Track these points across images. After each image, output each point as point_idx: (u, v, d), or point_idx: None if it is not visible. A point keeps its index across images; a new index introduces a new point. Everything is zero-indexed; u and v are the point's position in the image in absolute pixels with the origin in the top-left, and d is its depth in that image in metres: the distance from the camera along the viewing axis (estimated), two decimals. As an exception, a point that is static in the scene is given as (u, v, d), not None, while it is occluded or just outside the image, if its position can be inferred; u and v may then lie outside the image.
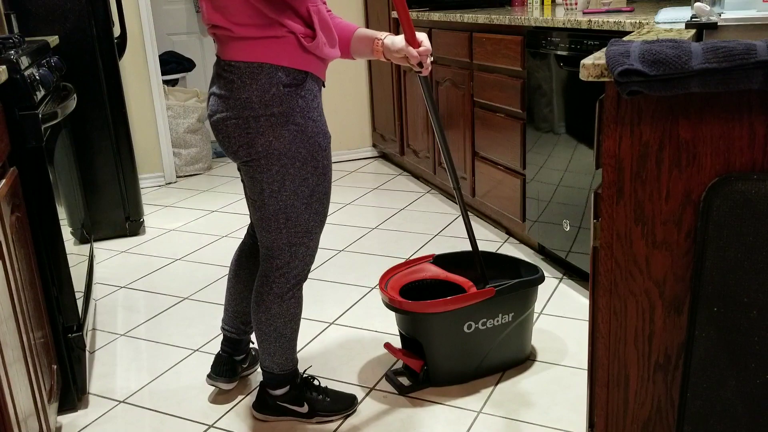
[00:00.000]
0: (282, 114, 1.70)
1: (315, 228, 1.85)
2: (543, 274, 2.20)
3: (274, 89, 1.68)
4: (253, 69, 1.68)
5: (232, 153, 1.77)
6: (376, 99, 4.81)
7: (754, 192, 1.16)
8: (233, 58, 1.70)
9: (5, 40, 2.18)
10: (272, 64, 1.68)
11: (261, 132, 1.70)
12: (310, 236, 1.85)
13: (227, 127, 1.73)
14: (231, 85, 1.70)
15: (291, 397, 2.01)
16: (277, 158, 1.73)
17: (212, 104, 1.77)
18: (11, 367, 1.55)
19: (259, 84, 1.68)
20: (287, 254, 1.84)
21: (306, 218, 1.81)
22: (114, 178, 3.54)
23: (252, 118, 1.70)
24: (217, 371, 2.15)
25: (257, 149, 1.72)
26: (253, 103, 1.69)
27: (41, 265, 2.02)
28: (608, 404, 1.40)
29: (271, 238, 1.82)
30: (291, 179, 1.75)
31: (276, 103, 1.69)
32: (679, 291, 1.29)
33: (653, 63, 1.14)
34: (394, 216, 3.75)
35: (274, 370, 1.97)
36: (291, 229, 1.81)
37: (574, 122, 2.60)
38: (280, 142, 1.71)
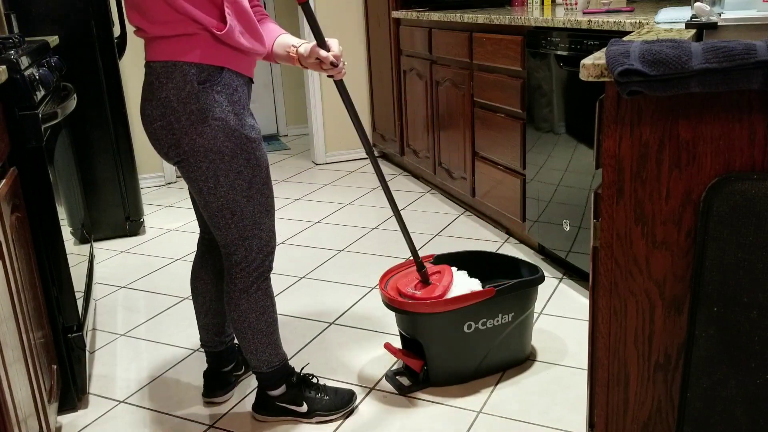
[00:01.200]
0: (200, 110, 1.70)
1: (262, 218, 1.84)
2: (543, 274, 2.20)
3: (189, 86, 1.69)
4: (168, 68, 1.69)
5: (164, 155, 1.78)
6: (376, 99, 4.81)
7: (754, 192, 1.16)
8: (150, 59, 1.73)
9: (5, 40, 2.18)
10: (184, 62, 1.69)
11: (184, 131, 1.72)
12: (260, 227, 1.84)
13: (155, 130, 1.75)
14: (151, 87, 1.73)
15: (290, 396, 2.01)
16: (204, 155, 1.73)
17: (141, 108, 1.78)
18: (11, 367, 1.55)
19: (174, 82, 1.69)
20: (242, 249, 1.84)
21: (251, 210, 1.81)
22: (114, 178, 3.54)
23: (174, 118, 1.71)
24: (210, 387, 2.15)
25: (184, 148, 1.74)
26: (171, 102, 1.70)
27: (41, 265, 2.02)
28: (608, 404, 1.40)
29: (222, 235, 1.84)
30: (224, 174, 1.76)
31: (192, 100, 1.70)
32: (679, 291, 1.29)
33: (653, 63, 1.14)
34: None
35: (262, 369, 1.97)
36: (239, 224, 1.81)
37: (574, 122, 2.60)
38: (203, 139, 1.72)
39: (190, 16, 1.65)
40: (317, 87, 4.79)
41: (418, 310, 2.06)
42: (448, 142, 3.73)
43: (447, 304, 2.05)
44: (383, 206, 3.93)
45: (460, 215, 3.70)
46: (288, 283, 2.98)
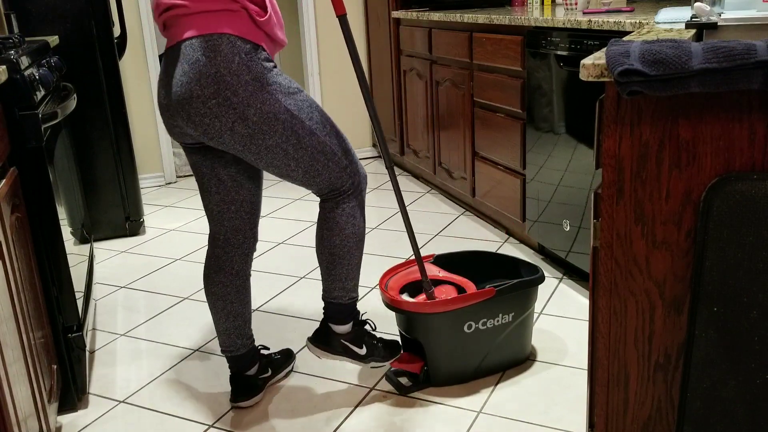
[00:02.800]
0: (255, 79, 1.73)
1: (345, 143, 1.92)
2: (543, 274, 2.20)
3: (237, 58, 1.72)
4: (214, 40, 1.71)
5: (227, 131, 1.76)
6: (376, 99, 4.81)
7: (754, 192, 1.16)
8: (191, 35, 1.73)
9: (5, 40, 2.18)
10: (230, 34, 1.72)
11: (246, 103, 1.73)
12: (349, 151, 1.92)
13: (211, 109, 1.73)
14: (196, 65, 1.72)
15: (353, 336, 2.05)
16: (275, 117, 1.77)
17: (179, 90, 1.74)
18: (11, 367, 1.55)
19: (222, 55, 1.71)
20: (347, 176, 1.91)
21: (335, 142, 1.88)
22: (114, 178, 3.54)
23: (230, 92, 1.72)
24: (235, 392, 2.11)
25: (253, 119, 1.75)
26: (224, 76, 1.71)
27: (41, 265, 2.02)
28: (608, 404, 1.40)
29: (326, 178, 1.89)
30: (300, 126, 1.81)
31: (244, 70, 1.72)
32: (679, 291, 1.29)
33: (653, 63, 1.14)
34: (394, 216, 3.75)
35: (342, 299, 2.01)
36: (334, 158, 1.88)
37: (574, 122, 2.60)
38: (269, 105, 1.76)
39: None
40: (317, 87, 4.79)
41: (419, 310, 2.06)
42: (448, 142, 3.73)
43: (447, 304, 2.05)
44: (383, 206, 3.93)
45: (460, 215, 3.70)
46: (288, 283, 2.98)
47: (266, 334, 2.55)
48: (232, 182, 1.93)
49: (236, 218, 1.97)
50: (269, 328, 2.59)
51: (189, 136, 1.85)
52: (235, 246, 2.00)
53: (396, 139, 4.52)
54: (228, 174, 1.92)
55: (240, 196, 1.95)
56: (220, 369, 2.34)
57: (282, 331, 2.56)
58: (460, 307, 2.06)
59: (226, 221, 1.98)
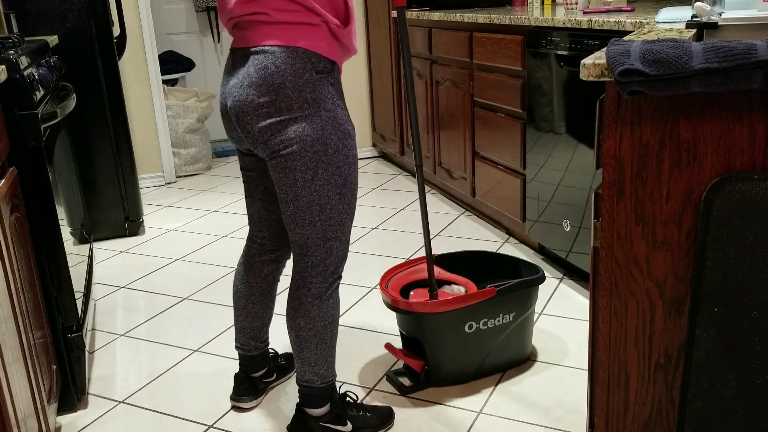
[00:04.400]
0: (315, 100, 1.68)
1: (347, 221, 1.80)
2: (543, 273, 2.20)
3: (308, 74, 1.66)
4: (290, 53, 1.65)
5: (262, 143, 1.71)
6: (376, 99, 4.81)
7: (754, 192, 1.16)
8: (268, 42, 1.67)
9: (5, 40, 2.18)
10: (307, 49, 1.66)
11: (294, 118, 1.67)
12: (343, 230, 1.79)
13: (258, 117, 1.68)
14: (264, 71, 1.66)
15: (333, 416, 1.91)
16: (311, 145, 1.69)
17: (238, 91, 1.70)
18: (11, 368, 1.55)
19: (293, 68, 1.65)
20: (323, 250, 1.78)
21: (340, 209, 1.76)
22: (113, 178, 3.54)
23: (284, 105, 1.66)
24: (238, 391, 2.11)
25: (290, 136, 1.68)
26: (286, 89, 1.65)
27: (41, 265, 2.02)
28: (609, 404, 1.39)
29: (305, 234, 1.76)
30: (324, 167, 1.71)
31: (309, 89, 1.67)
32: (679, 291, 1.29)
33: (654, 63, 1.14)
34: (394, 216, 3.75)
35: (315, 383, 1.87)
36: (325, 222, 1.76)
37: (574, 122, 2.60)
38: (312, 128, 1.68)
39: (313, 9, 1.66)
40: (317, 87, 4.78)
41: (420, 310, 2.06)
42: (448, 142, 3.73)
43: (448, 304, 2.04)
44: (383, 206, 3.93)
45: (460, 215, 3.70)
46: (288, 283, 2.98)
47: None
48: None
49: (276, 227, 1.96)
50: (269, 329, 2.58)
51: (242, 140, 1.81)
52: (269, 251, 2.00)
53: (396, 139, 4.51)
54: None
55: None
56: (220, 369, 2.34)
57: (282, 331, 2.56)
58: (461, 307, 2.06)
59: (265, 228, 1.97)
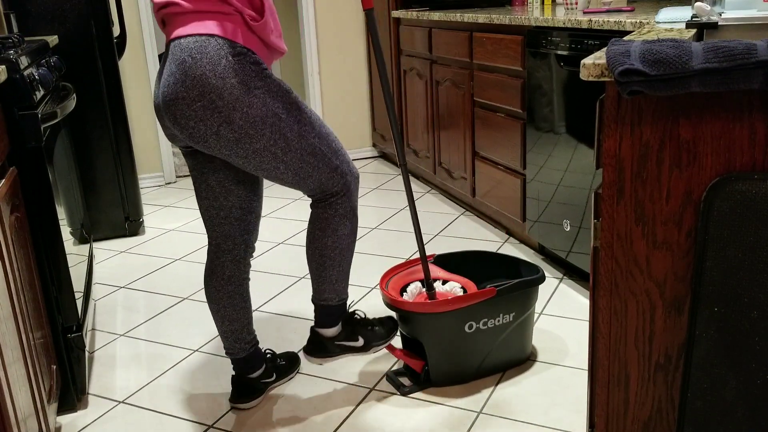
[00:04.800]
0: (241, 83, 1.70)
1: (337, 144, 1.90)
2: (543, 273, 2.20)
3: (224, 60, 1.68)
4: (201, 42, 1.68)
5: (213, 134, 1.73)
6: (376, 99, 4.81)
7: (754, 192, 1.16)
8: (180, 35, 1.71)
9: (5, 40, 2.18)
10: (219, 36, 1.69)
11: (232, 106, 1.70)
12: (339, 152, 1.90)
13: (196, 112, 1.70)
14: (183, 65, 1.69)
15: (346, 333, 2.05)
16: (262, 122, 1.74)
17: (166, 90, 1.73)
18: (11, 368, 1.55)
19: (208, 57, 1.68)
20: (337, 177, 1.89)
21: (326, 143, 1.86)
22: (113, 178, 3.54)
23: (215, 95, 1.69)
24: (236, 393, 2.11)
25: (239, 123, 1.72)
26: (208, 78, 1.68)
27: (41, 265, 2.02)
28: (609, 404, 1.39)
29: (316, 179, 1.87)
30: (288, 129, 1.78)
31: (230, 74, 1.69)
32: (679, 291, 1.29)
33: (654, 63, 1.14)
34: (394, 216, 3.75)
35: (332, 301, 2.01)
36: (324, 159, 1.86)
37: (574, 122, 2.60)
38: (255, 108, 1.72)
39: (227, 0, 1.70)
40: (317, 87, 4.79)
41: (419, 310, 2.06)
42: (448, 142, 3.73)
43: (448, 304, 2.04)
44: (383, 206, 3.93)
45: (460, 215, 3.70)
46: (288, 283, 2.97)
47: (266, 334, 2.54)
48: (221, 188, 1.91)
49: (225, 224, 1.96)
50: (269, 329, 2.58)
51: (178, 138, 1.84)
52: (225, 251, 1.99)
53: (396, 139, 4.51)
54: (216, 179, 1.90)
55: (229, 203, 1.93)
56: (220, 369, 2.34)
57: (282, 331, 2.56)
58: (461, 307, 2.06)
59: (216, 226, 1.98)
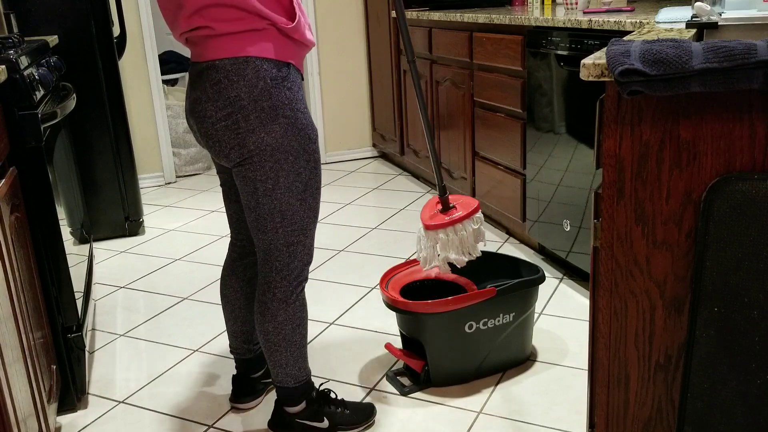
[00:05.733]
0: (272, 108, 1.66)
1: (310, 224, 1.80)
2: (544, 273, 2.20)
3: (262, 83, 1.65)
4: (239, 64, 1.64)
5: (224, 157, 1.72)
6: (376, 99, 4.81)
7: (754, 192, 1.16)
8: (216, 57, 1.65)
9: (4, 40, 2.18)
10: (257, 57, 1.64)
11: (251, 129, 1.66)
12: (306, 233, 1.79)
13: (217, 131, 1.68)
14: (218, 86, 1.65)
15: (310, 413, 1.93)
16: (270, 154, 1.68)
17: (197, 107, 1.71)
18: (11, 367, 1.55)
19: (246, 80, 1.64)
20: (285, 255, 1.78)
21: (301, 215, 1.76)
22: (113, 178, 3.54)
23: (241, 116, 1.65)
24: (237, 393, 2.11)
25: (249, 147, 1.67)
26: (242, 100, 1.64)
27: (41, 265, 2.02)
28: (609, 404, 1.39)
29: (267, 240, 1.77)
30: (285, 175, 1.71)
31: (265, 97, 1.65)
32: (679, 291, 1.29)
33: (654, 63, 1.14)
34: (394, 216, 3.75)
35: (288, 383, 1.89)
36: (287, 228, 1.75)
37: (574, 122, 2.60)
38: (271, 137, 1.67)
39: (258, 12, 1.63)
40: (317, 87, 4.79)
41: (419, 310, 2.06)
42: (449, 142, 3.73)
43: (448, 304, 2.04)
44: (383, 206, 3.93)
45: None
46: (288, 283, 2.97)
47: (266, 334, 2.55)
48: None
49: None
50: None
51: None
52: (249, 254, 1.99)
53: (396, 138, 4.51)
54: None
55: None
56: (220, 369, 2.34)
57: (282, 331, 2.56)
58: (461, 307, 2.06)
59: (243, 230, 1.96)
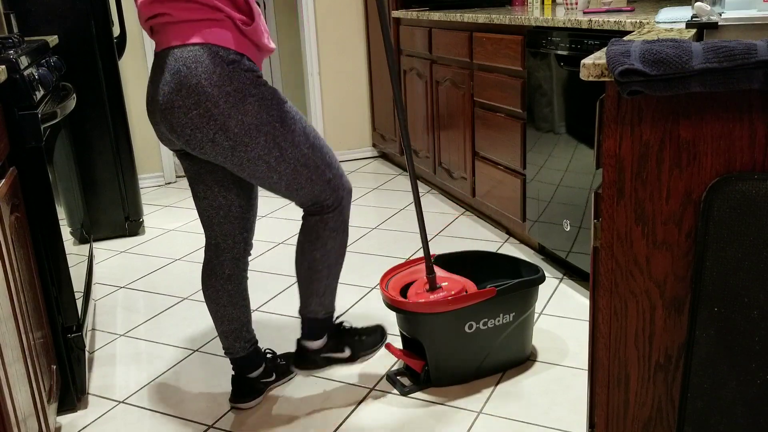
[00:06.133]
0: (236, 90, 1.72)
1: (331, 157, 1.91)
2: (544, 273, 2.20)
3: (219, 68, 1.70)
4: (195, 51, 1.70)
5: (209, 141, 1.75)
6: (376, 99, 4.81)
7: (754, 192, 1.16)
8: (173, 44, 1.72)
9: (4, 40, 2.18)
10: (213, 44, 1.71)
11: (227, 114, 1.72)
12: (333, 165, 1.91)
13: (192, 119, 1.72)
14: (177, 75, 1.71)
15: (332, 346, 2.05)
16: (257, 129, 1.75)
17: (161, 99, 1.74)
18: (11, 368, 1.55)
19: (203, 66, 1.69)
20: (329, 191, 1.90)
21: (320, 155, 1.87)
22: (113, 178, 3.54)
23: (211, 104, 1.70)
24: (236, 393, 2.11)
25: (234, 131, 1.73)
26: (204, 87, 1.69)
27: (41, 265, 2.02)
28: (609, 404, 1.39)
29: (308, 191, 1.88)
30: (282, 138, 1.79)
31: (226, 81, 1.71)
32: (679, 291, 1.29)
33: (654, 63, 1.14)
34: (394, 216, 3.75)
35: (319, 314, 2.00)
36: (317, 171, 1.86)
37: (574, 122, 2.60)
38: (250, 117, 1.74)
39: (213, 6, 1.70)
40: (317, 87, 4.79)
41: (419, 310, 2.06)
42: (449, 142, 3.73)
43: (448, 304, 2.04)
44: (383, 206, 3.93)
45: (460, 215, 3.70)
46: (288, 283, 2.97)
47: (266, 334, 2.54)
48: (219, 187, 1.92)
49: (225, 223, 1.96)
50: (269, 329, 2.58)
51: (173, 143, 1.86)
52: (225, 250, 2.00)
53: (396, 139, 4.51)
54: (214, 179, 1.91)
55: (228, 201, 1.94)
56: (220, 369, 2.34)
57: (282, 331, 2.56)
58: (461, 307, 2.06)
59: (215, 226, 1.98)
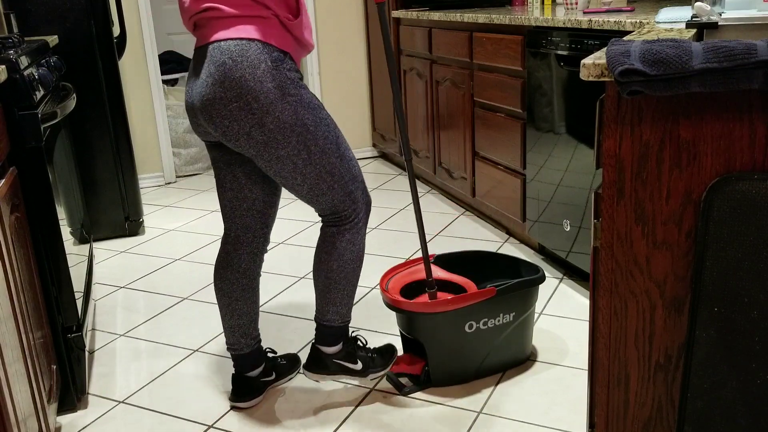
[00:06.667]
0: (277, 88, 1.76)
1: (356, 169, 1.94)
2: (544, 273, 2.20)
3: (264, 65, 1.75)
4: (242, 46, 1.74)
5: (244, 134, 1.79)
6: (376, 99, 4.81)
7: (754, 192, 1.16)
8: (222, 38, 1.76)
9: (4, 40, 2.18)
10: (259, 41, 1.75)
11: (266, 110, 1.76)
12: (357, 177, 1.94)
13: (231, 112, 1.77)
14: (223, 67, 1.75)
15: (345, 354, 2.06)
16: (291, 129, 1.79)
17: (203, 90, 1.78)
18: (11, 367, 1.55)
19: (248, 61, 1.74)
20: (349, 202, 1.92)
21: (346, 165, 1.90)
22: (113, 178, 3.54)
23: (251, 98, 1.75)
24: (236, 392, 2.11)
25: (269, 127, 1.78)
26: (247, 81, 1.74)
27: (41, 265, 2.02)
28: (609, 404, 1.39)
29: (329, 199, 1.90)
30: (313, 143, 1.83)
31: (268, 78, 1.75)
32: (679, 291, 1.29)
33: (654, 63, 1.14)
34: (394, 216, 3.75)
35: (335, 322, 2.02)
36: (341, 181, 1.89)
37: (574, 122, 2.60)
38: (286, 115, 1.78)
39: (263, 2, 1.75)
40: (317, 87, 4.79)
41: (419, 310, 2.06)
42: (449, 142, 3.73)
43: (448, 304, 2.04)
44: (383, 206, 3.93)
45: (460, 215, 3.70)
46: (288, 283, 2.98)
47: (267, 334, 2.54)
48: (247, 179, 1.95)
49: (247, 216, 1.99)
50: (269, 328, 2.58)
51: (210, 134, 1.89)
52: (244, 244, 2.02)
53: (396, 139, 4.51)
54: (243, 171, 1.95)
55: (253, 194, 1.97)
56: (220, 369, 2.34)
57: (282, 331, 2.56)
58: (461, 307, 2.06)
59: (237, 218, 2.01)
